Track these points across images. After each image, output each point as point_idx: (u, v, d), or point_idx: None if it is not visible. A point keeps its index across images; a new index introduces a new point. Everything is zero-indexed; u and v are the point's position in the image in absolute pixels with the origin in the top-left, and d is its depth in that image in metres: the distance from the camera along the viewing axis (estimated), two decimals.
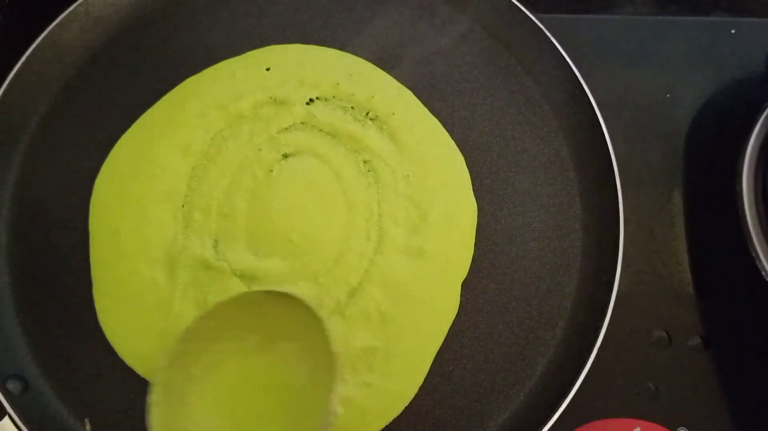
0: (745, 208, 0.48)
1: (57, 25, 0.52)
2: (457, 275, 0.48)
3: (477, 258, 0.48)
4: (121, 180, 0.49)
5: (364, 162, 0.49)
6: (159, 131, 0.50)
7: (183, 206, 0.48)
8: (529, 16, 0.52)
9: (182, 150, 0.49)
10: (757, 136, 0.50)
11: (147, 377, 0.45)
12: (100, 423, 0.44)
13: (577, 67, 0.51)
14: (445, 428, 0.45)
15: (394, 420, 0.45)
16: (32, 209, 0.49)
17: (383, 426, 0.45)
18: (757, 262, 0.47)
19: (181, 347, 0.40)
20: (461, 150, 0.51)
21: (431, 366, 0.46)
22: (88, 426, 0.44)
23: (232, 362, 0.41)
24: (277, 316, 0.41)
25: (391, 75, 0.52)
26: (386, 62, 0.53)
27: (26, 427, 0.43)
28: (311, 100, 0.51)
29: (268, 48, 0.53)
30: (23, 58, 0.50)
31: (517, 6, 0.53)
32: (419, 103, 0.52)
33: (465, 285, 0.48)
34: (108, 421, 0.44)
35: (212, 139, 0.50)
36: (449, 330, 0.47)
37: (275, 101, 0.51)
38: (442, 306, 0.47)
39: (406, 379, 0.45)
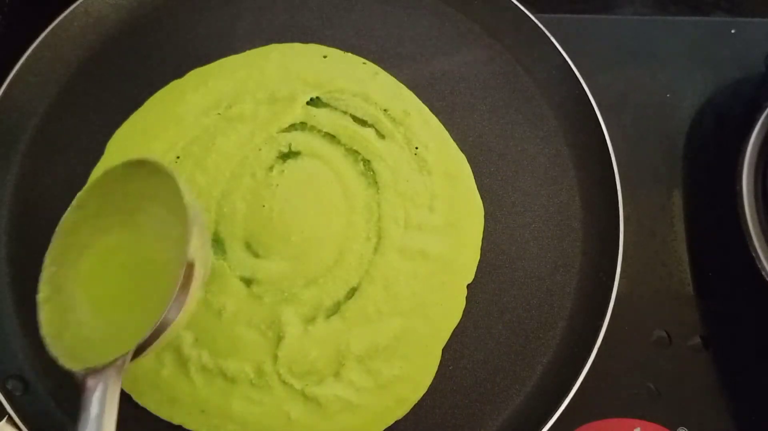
0: (745, 208, 0.48)
1: (57, 25, 0.52)
2: (462, 278, 0.48)
3: None
4: None
5: (364, 162, 0.49)
6: (156, 129, 0.50)
7: None
8: (529, 16, 0.52)
9: (181, 149, 0.49)
10: (757, 136, 0.50)
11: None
12: None
13: (577, 67, 0.51)
14: (445, 428, 0.45)
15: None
16: (32, 209, 0.49)
17: (384, 427, 0.45)
18: (757, 262, 0.47)
19: (58, 241, 0.41)
20: (461, 150, 0.51)
21: None
22: None
23: (102, 244, 0.42)
24: (136, 188, 0.41)
25: (391, 75, 0.52)
26: (386, 62, 0.53)
27: (26, 427, 0.43)
28: (311, 99, 0.51)
29: (268, 48, 0.53)
30: (23, 58, 0.50)
31: (517, 6, 0.53)
32: (419, 102, 0.52)
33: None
34: None
35: (212, 138, 0.50)
36: None
37: (275, 101, 0.51)
38: (445, 309, 0.47)
39: (408, 381, 0.45)
